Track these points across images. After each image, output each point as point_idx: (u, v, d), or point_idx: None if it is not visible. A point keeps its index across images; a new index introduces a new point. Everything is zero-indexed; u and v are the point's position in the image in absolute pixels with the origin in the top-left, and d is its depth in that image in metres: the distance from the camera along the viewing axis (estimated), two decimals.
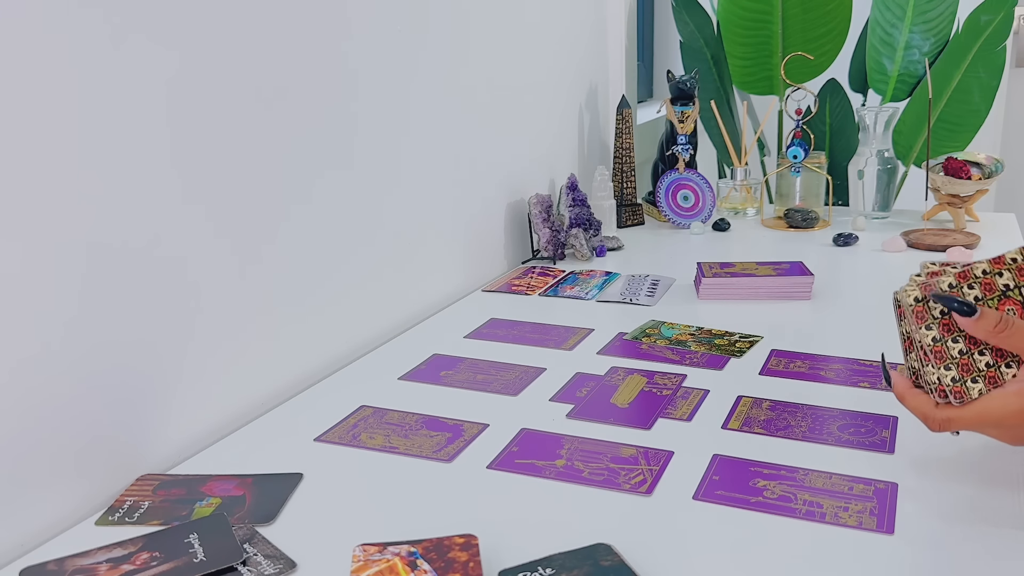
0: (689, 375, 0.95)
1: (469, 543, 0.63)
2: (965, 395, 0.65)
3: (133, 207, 0.74)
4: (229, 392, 0.87)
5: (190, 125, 0.79)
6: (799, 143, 1.55)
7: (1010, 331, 0.63)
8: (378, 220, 1.09)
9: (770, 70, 1.84)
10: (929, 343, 0.66)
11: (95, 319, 0.72)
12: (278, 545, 0.66)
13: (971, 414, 0.65)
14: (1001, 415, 0.64)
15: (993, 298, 0.65)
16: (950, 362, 0.65)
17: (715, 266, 1.26)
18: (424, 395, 0.92)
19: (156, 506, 0.72)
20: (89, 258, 0.71)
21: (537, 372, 0.97)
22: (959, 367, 0.65)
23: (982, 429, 0.66)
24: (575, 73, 1.67)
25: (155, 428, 0.79)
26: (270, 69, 0.88)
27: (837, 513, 0.67)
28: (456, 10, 1.22)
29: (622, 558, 0.62)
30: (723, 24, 1.84)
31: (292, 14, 0.91)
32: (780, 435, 0.81)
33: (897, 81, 1.78)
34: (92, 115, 0.70)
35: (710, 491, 0.71)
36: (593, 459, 0.77)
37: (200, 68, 0.80)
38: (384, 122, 1.08)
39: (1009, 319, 0.63)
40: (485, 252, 1.35)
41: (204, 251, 0.82)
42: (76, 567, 0.63)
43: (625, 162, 1.67)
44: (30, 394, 0.67)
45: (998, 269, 0.65)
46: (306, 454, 0.80)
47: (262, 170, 0.89)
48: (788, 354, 1.00)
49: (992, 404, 0.64)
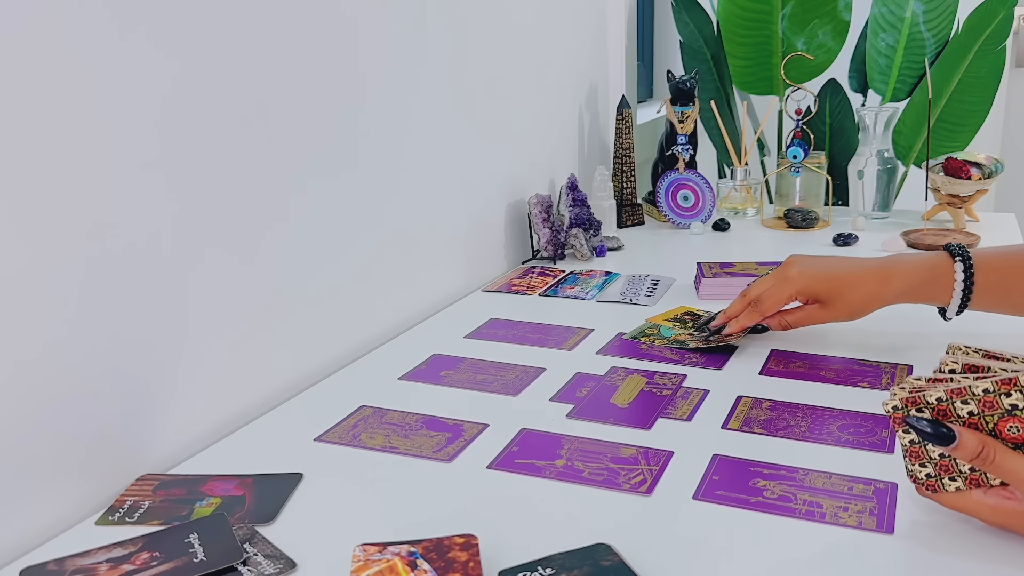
0: (689, 375, 0.95)
1: (469, 543, 0.63)
2: (940, 490, 0.63)
3: (133, 207, 0.74)
4: (229, 392, 0.87)
5: (190, 125, 0.79)
6: (799, 143, 1.55)
7: (994, 462, 0.59)
8: (378, 220, 1.09)
9: (770, 70, 1.84)
10: (907, 444, 0.63)
11: (95, 319, 0.72)
12: (278, 545, 0.66)
13: (945, 502, 0.63)
14: (974, 515, 0.62)
15: (994, 415, 0.59)
16: (927, 461, 0.63)
17: (715, 266, 1.26)
18: (424, 395, 0.92)
19: (156, 506, 0.72)
20: (89, 259, 0.71)
21: (537, 372, 0.97)
22: (936, 466, 0.62)
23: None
24: (575, 73, 1.67)
25: (155, 428, 0.79)
26: (273, 70, 0.88)
27: (837, 513, 0.67)
28: (457, 10, 1.22)
29: (622, 558, 0.62)
30: (723, 24, 1.84)
31: (297, 17, 0.90)
32: (780, 435, 0.81)
33: (897, 81, 1.78)
34: (91, 115, 0.70)
35: (710, 491, 0.71)
36: (593, 459, 0.77)
37: (201, 68, 0.80)
38: (384, 122, 1.08)
39: (992, 448, 0.59)
40: (485, 252, 1.35)
41: (204, 251, 0.82)
42: (76, 567, 0.63)
43: (625, 162, 1.67)
44: (30, 394, 0.67)
45: (1005, 390, 0.58)
46: (306, 454, 0.80)
47: (262, 171, 0.88)
48: (788, 354, 1.00)
49: (967, 505, 0.62)
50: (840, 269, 0.96)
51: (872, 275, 0.94)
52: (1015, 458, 0.58)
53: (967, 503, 0.62)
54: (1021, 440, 0.59)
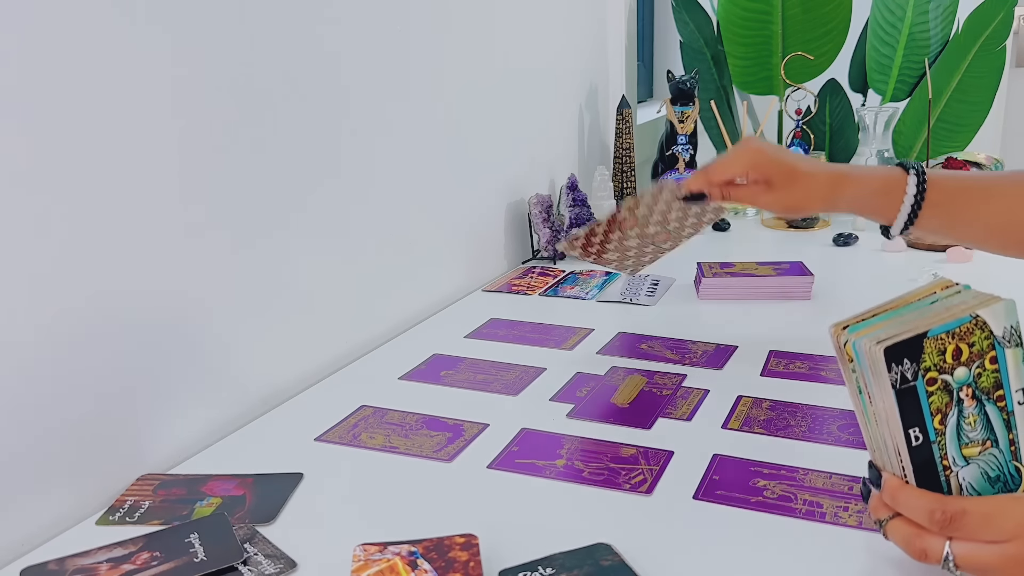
0: (689, 375, 0.95)
1: (469, 543, 0.63)
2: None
3: (133, 208, 0.74)
4: (229, 392, 0.87)
5: (191, 126, 0.79)
6: (799, 143, 1.55)
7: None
8: (379, 220, 1.09)
9: (770, 70, 1.84)
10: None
11: (95, 320, 0.72)
12: (278, 545, 0.66)
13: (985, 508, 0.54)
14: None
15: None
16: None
17: (715, 266, 1.26)
18: (424, 395, 0.92)
19: (156, 506, 0.72)
20: (89, 259, 0.71)
21: (537, 372, 0.97)
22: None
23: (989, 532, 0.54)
24: (575, 73, 1.67)
25: (155, 428, 0.79)
26: (268, 72, 0.88)
27: (837, 513, 0.67)
28: (457, 11, 1.22)
29: (622, 558, 0.62)
30: (723, 24, 1.84)
31: (293, 17, 0.90)
32: (780, 435, 0.81)
33: (897, 81, 1.78)
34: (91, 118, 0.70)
35: (710, 491, 0.71)
36: (593, 459, 0.77)
37: (202, 69, 0.80)
38: (384, 122, 1.08)
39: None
40: (485, 252, 1.35)
41: (204, 251, 0.82)
42: (76, 567, 0.63)
43: (625, 162, 1.67)
44: (30, 395, 0.67)
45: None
46: (306, 454, 0.80)
47: (262, 171, 0.88)
48: (788, 354, 1.00)
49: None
50: (798, 160, 0.92)
51: (826, 176, 0.90)
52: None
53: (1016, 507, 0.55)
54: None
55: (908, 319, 0.54)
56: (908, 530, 0.56)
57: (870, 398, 0.55)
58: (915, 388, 0.52)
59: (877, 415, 0.55)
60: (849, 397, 0.58)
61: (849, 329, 0.55)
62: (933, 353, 0.52)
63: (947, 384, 0.53)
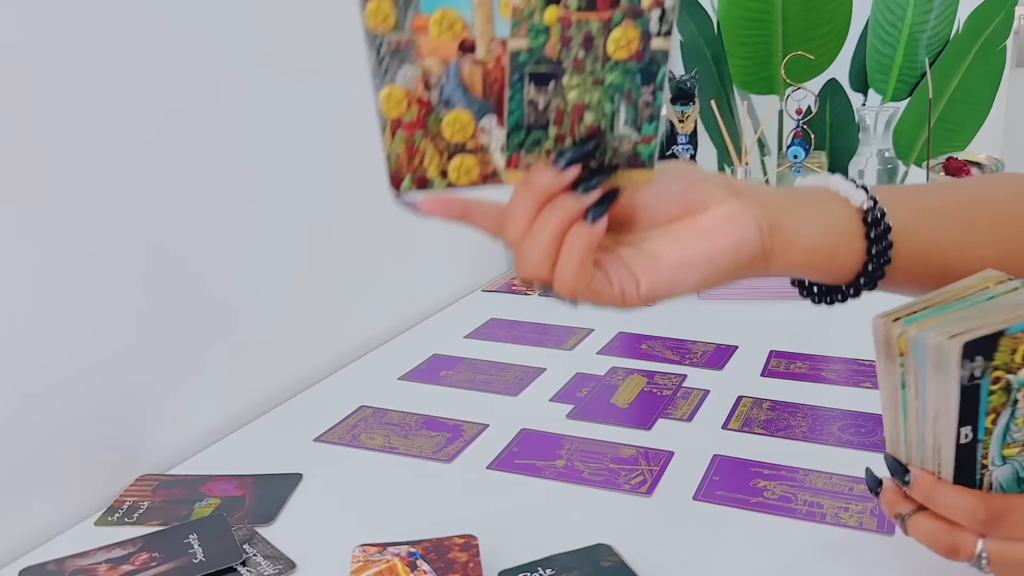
0: (689, 375, 0.95)
1: (469, 543, 0.63)
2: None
3: (133, 208, 0.74)
4: (229, 392, 0.87)
5: (191, 126, 0.79)
6: (799, 143, 1.55)
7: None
8: (378, 219, 1.09)
9: (770, 70, 1.84)
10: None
11: (95, 320, 0.72)
12: (278, 545, 0.66)
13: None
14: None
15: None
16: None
17: None
18: (424, 395, 0.92)
19: (156, 506, 0.72)
20: (89, 260, 0.71)
21: (537, 372, 0.97)
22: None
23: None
24: None
25: (155, 428, 0.79)
26: (270, 71, 0.88)
27: (837, 513, 0.67)
28: None
29: (622, 558, 0.62)
30: (723, 24, 1.84)
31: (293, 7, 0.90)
32: (780, 435, 0.80)
33: (897, 81, 1.78)
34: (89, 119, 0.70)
35: (710, 491, 0.71)
36: (593, 459, 0.77)
37: (203, 69, 0.80)
38: None
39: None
40: (485, 252, 1.35)
41: (203, 251, 0.82)
42: (76, 567, 0.63)
43: None
44: (30, 395, 0.67)
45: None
46: (306, 454, 0.80)
47: (262, 169, 0.88)
48: (788, 354, 0.99)
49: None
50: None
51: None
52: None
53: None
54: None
55: (973, 315, 0.53)
56: (936, 525, 0.54)
57: (916, 393, 0.54)
58: (979, 386, 0.51)
59: (924, 411, 0.54)
60: (880, 393, 0.56)
61: (904, 321, 0.54)
62: (1005, 351, 0.51)
63: (1008, 384, 0.52)
